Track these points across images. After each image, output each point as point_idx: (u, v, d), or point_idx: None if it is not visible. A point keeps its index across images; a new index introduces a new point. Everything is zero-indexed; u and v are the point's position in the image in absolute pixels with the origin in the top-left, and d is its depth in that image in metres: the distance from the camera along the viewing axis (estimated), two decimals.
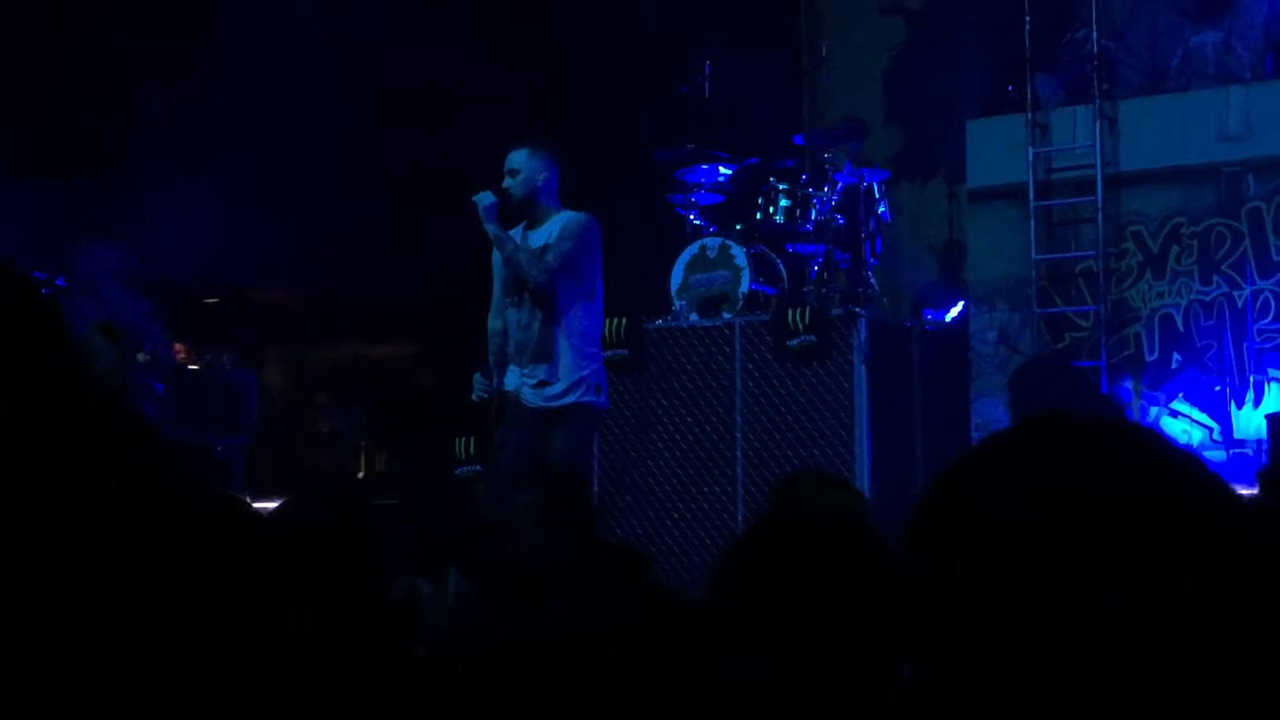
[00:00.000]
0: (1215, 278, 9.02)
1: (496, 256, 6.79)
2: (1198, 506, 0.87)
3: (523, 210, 6.65)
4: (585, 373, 6.59)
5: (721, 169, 9.87)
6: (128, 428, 0.84)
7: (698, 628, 1.80)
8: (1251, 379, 8.84)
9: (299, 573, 2.40)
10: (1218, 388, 8.94)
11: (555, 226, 6.58)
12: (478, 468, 8.97)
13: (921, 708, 0.90)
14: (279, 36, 10.37)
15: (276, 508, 3.01)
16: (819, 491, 3.12)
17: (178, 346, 10.50)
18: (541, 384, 6.56)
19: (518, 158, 6.63)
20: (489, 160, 6.79)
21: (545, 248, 6.55)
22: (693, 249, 9.54)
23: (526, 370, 6.59)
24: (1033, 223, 9.45)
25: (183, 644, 0.79)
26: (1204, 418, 8.94)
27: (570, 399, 6.56)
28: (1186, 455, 0.91)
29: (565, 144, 6.95)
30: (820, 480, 3.60)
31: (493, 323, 6.88)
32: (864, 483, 8.46)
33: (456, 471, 9.45)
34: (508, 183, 6.59)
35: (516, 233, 6.69)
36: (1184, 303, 9.09)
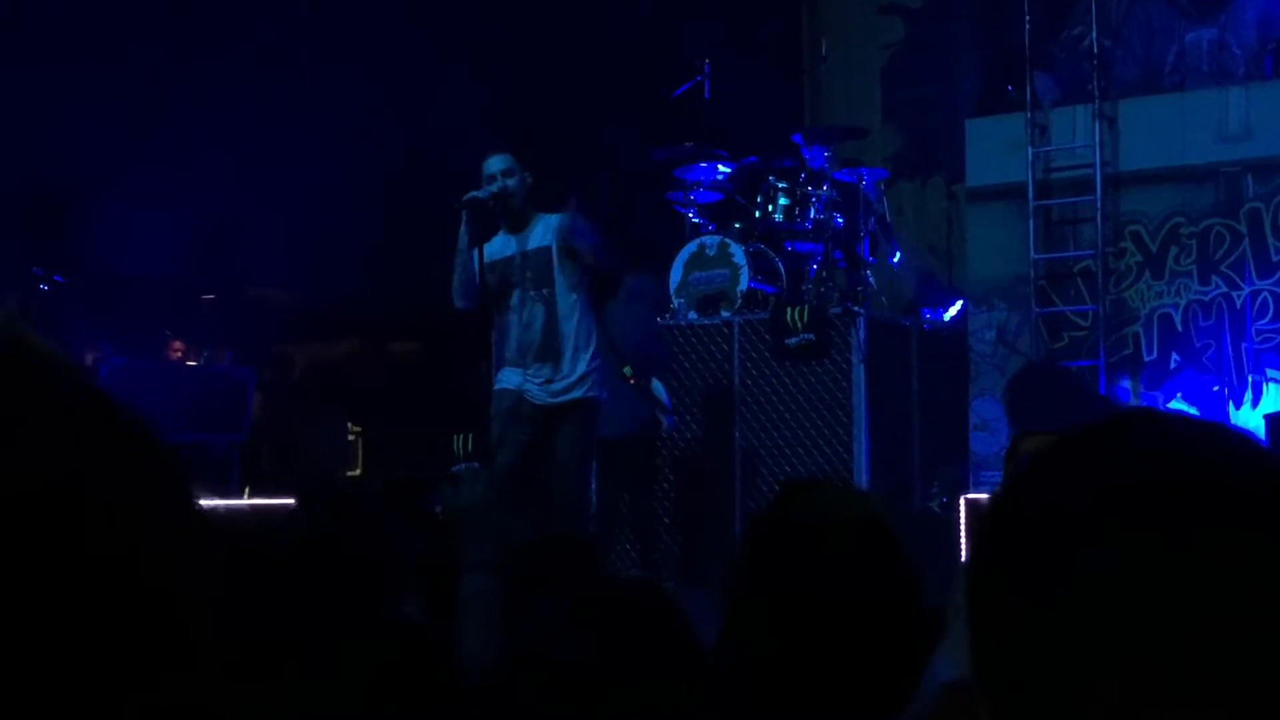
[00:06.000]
0: (1214, 278, 9.02)
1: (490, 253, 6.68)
2: None
3: (521, 211, 6.60)
4: (590, 367, 6.60)
5: (720, 167, 9.86)
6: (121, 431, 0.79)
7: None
8: (1250, 379, 8.84)
9: (315, 584, 2.39)
10: (1216, 388, 8.94)
11: (550, 223, 6.54)
12: (475, 465, 8.95)
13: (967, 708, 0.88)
14: (276, 39, 10.35)
15: (287, 515, 3.00)
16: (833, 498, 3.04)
17: (175, 344, 10.49)
18: (548, 381, 6.56)
19: (505, 161, 6.57)
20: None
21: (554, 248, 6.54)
22: (691, 247, 9.53)
23: (531, 370, 6.57)
24: (1031, 222, 9.44)
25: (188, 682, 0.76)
26: None
27: (577, 393, 6.56)
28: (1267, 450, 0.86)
29: (565, 142, 6.93)
30: (826, 487, 3.53)
31: None
32: (862, 480, 8.46)
33: (454, 469, 9.43)
34: (505, 184, 6.52)
35: (499, 237, 6.62)
36: (1182, 303, 9.09)
